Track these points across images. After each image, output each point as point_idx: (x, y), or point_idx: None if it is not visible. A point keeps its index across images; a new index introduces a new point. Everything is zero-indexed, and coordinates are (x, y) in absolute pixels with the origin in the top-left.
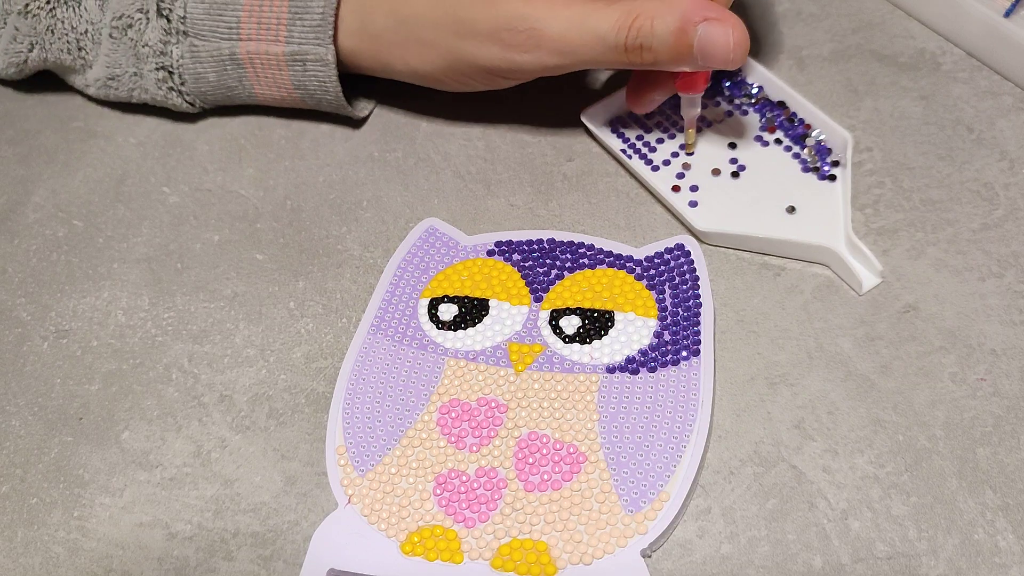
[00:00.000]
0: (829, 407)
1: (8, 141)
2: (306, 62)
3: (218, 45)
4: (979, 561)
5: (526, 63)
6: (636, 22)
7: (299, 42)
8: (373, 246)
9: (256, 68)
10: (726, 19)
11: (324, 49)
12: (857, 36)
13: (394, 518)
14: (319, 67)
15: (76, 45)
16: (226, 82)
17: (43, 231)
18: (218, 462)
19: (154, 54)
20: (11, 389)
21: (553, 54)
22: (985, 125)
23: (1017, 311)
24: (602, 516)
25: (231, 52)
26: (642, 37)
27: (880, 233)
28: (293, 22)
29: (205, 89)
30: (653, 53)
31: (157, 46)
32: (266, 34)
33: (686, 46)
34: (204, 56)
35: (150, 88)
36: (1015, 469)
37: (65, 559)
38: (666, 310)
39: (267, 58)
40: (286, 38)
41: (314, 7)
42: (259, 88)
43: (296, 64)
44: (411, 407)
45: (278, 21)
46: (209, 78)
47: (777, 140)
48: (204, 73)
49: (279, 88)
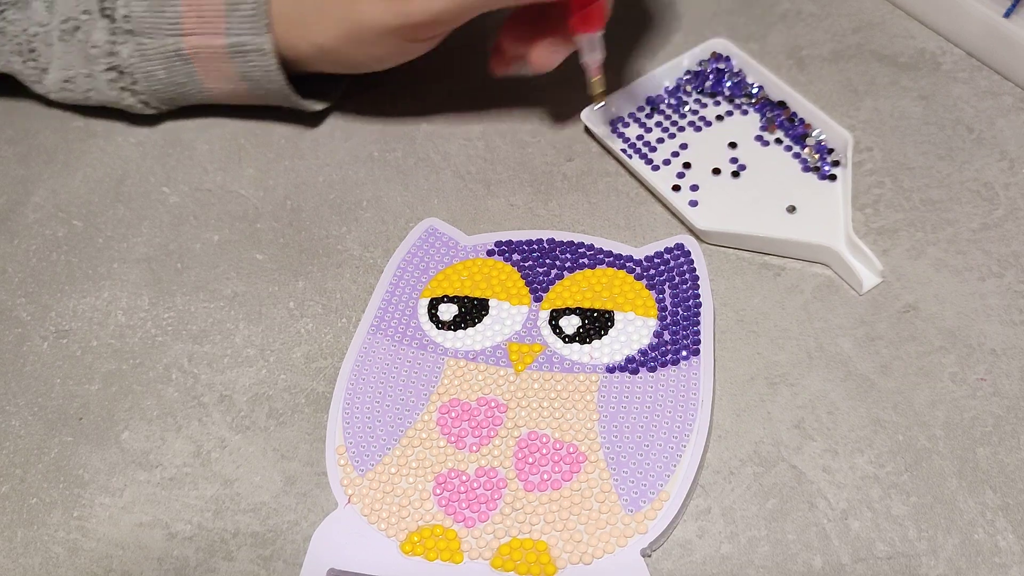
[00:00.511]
0: (829, 407)
1: (8, 141)
2: (247, 53)
3: (163, 42)
4: (979, 561)
5: (415, 12)
6: None
7: (238, 33)
8: (373, 246)
9: (203, 62)
10: None
11: (261, 38)
12: (857, 36)
13: (394, 518)
14: (259, 57)
15: (27, 47)
16: (176, 79)
17: (43, 231)
18: (218, 462)
19: (103, 54)
20: (11, 389)
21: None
22: (985, 125)
23: (1017, 311)
24: (602, 516)
25: (176, 48)
26: None
27: (880, 233)
28: (230, 13)
29: (156, 87)
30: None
31: (105, 46)
32: (207, 27)
33: None
34: (151, 54)
35: (103, 89)
36: (1015, 469)
37: (65, 559)
38: (666, 310)
39: (211, 51)
40: (226, 30)
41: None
42: (209, 83)
43: (238, 56)
44: (411, 407)
45: (216, 13)
46: (159, 76)
47: (777, 140)
48: (153, 71)
49: (228, 81)
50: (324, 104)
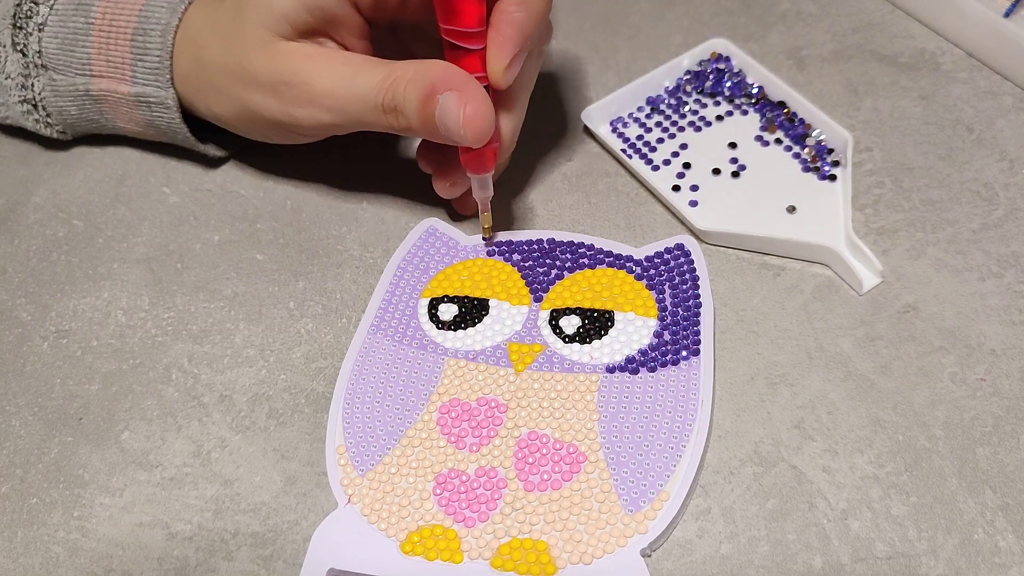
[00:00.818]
0: (829, 407)
1: (8, 141)
2: (151, 104)
3: (73, 80)
4: (979, 561)
5: (302, 118)
6: (394, 84)
7: (143, 83)
8: (373, 246)
9: (111, 104)
10: (466, 91)
11: (164, 92)
12: (857, 36)
13: (394, 518)
14: (162, 109)
15: None
16: (88, 115)
17: (43, 231)
18: (218, 462)
19: (16, 87)
20: (11, 389)
21: (326, 110)
22: (985, 125)
23: (1017, 311)
24: (602, 516)
25: (86, 88)
26: (396, 100)
27: (880, 233)
28: (135, 63)
29: (70, 121)
30: (406, 118)
31: (18, 79)
32: (115, 72)
33: (430, 114)
34: (63, 90)
35: (18, 119)
36: (1015, 469)
37: (65, 559)
38: (666, 310)
39: (118, 96)
40: (131, 78)
41: (152, 49)
42: (120, 123)
43: (142, 104)
44: (411, 407)
45: (122, 60)
46: (71, 111)
47: (777, 140)
48: (66, 107)
49: (136, 124)
50: (224, 152)
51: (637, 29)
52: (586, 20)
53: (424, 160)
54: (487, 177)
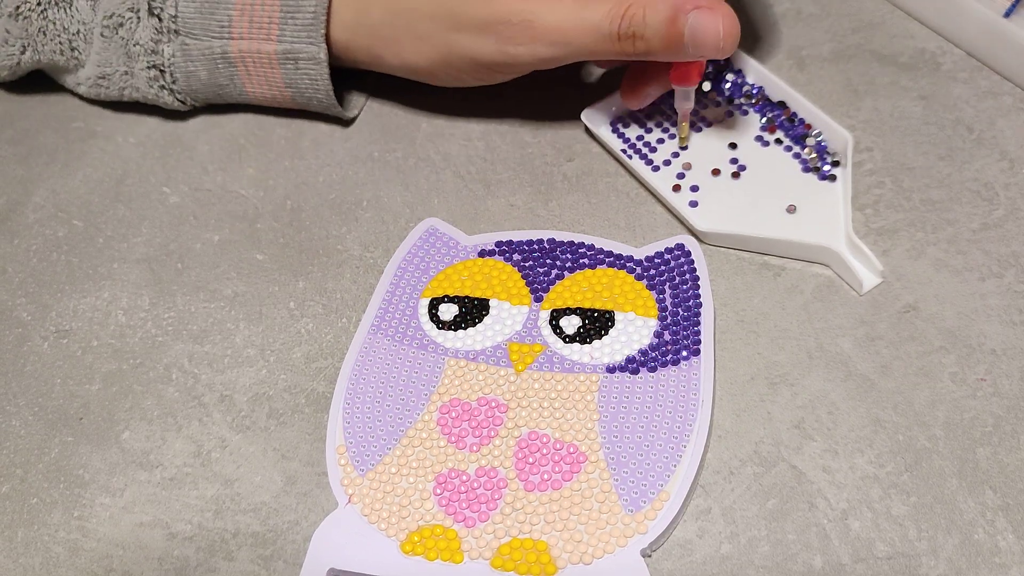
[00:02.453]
0: (829, 407)
1: (8, 141)
2: (298, 60)
3: (209, 44)
4: (979, 561)
5: (521, 55)
6: (629, 11)
7: (291, 40)
8: (373, 246)
9: (248, 66)
10: (716, 7)
11: (316, 47)
12: (857, 36)
13: (394, 518)
14: (311, 65)
15: (69, 46)
16: (217, 80)
17: (43, 231)
18: (218, 462)
19: (145, 52)
20: (11, 389)
21: (548, 45)
22: (985, 125)
23: (1017, 311)
24: (602, 516)
25: (223, 51)
26: (635, 26)
27: (880, 233)
28: (285, 20)
29: (196, 87)
30: (645, 42)
31: (148, 44)
32: (258, 32)
33: (677, 34)
34: (195, 55)
35: (141, 87)
36: (1015, 469)
37: (65, 559)
38: (666, 310)
39: (259, 56)
40: (278, 36)
41: (306, 5)
42: (250, 87)
43: (288, 62)
44: (411, 407)
45: (270, 20)
46: (200, 76)
47: (777, 140)
48: (195, 71)
49: (270, 87)
50: (358, 110)
51: None
52: None
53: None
54: (692, 90)
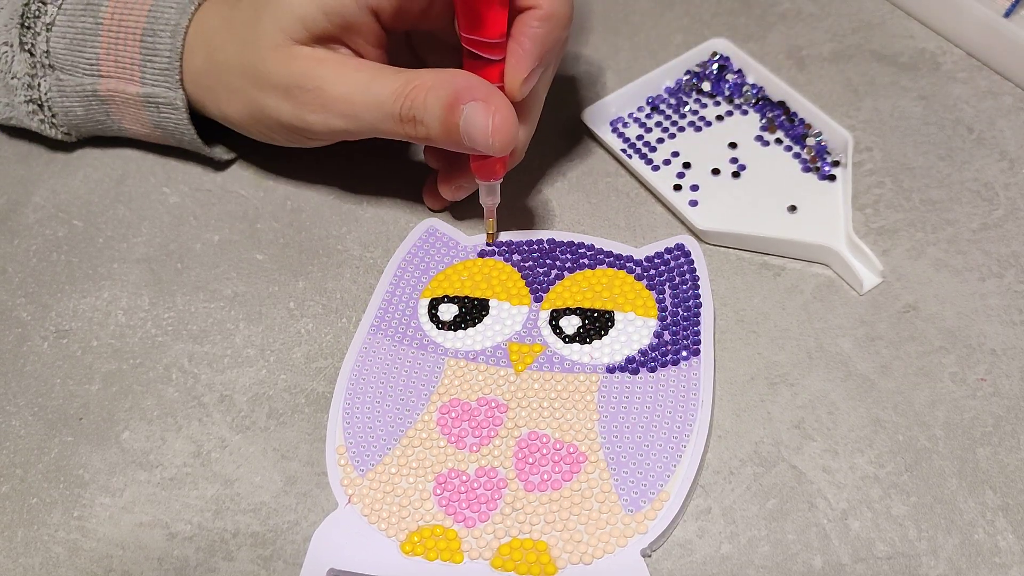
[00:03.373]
0: (829, 407)
1: (8, 141)
2: (159, 104)
3: (81, 80)
4: (979, 561)
5: (315, 123)
6: (412, 92)
7: (152, 84)
8: (373, 246)
9: (118, 106)
10: (491, 101)
11: (173, 93)
12: (857, 36)
13: (394, 518)
14: (170, 111)
15: None
16: (94, 116)
17: (43, 231)
18: (218, 462)
19: (22, 87)
20: (11, 389)
21: (339, 116)
22: (985, 125)
23: (1017, 311)
24: (602, 516)
25: (93, 89)
26: (415, 109)
27: (880, 233)
28: (145, 64)
29: (76, 122)
30: (425, 127)
31: (25, 79)
32: (123, 73)
33: (454, 124)
34: (69, 91)
35: (23, 120)
36: (1015, 469)
37: (65, 559)
38: (666, 310)
39: (125, 96)
40: (140, 79)
41: (162, 50)
42: (125, 124)
43: (151, 105)
44: (411, 407)
45: (131, 61)
46: (77, 112)
47: (777, 140)
48: (72, 108)
49: (142, 125)
50: (230, 155)
51: (637, 29)
52: (586, 20)
53: (432, 158)
54: (496, 184)
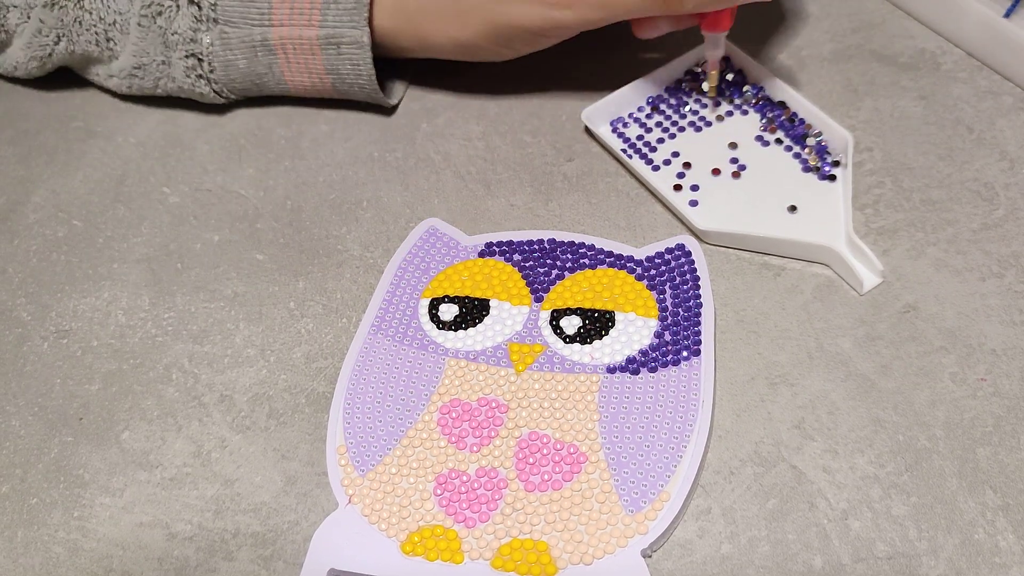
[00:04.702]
0: (829, 407)
1: (8, 141)
2: (340, 45)
3: (249, 31)
4: (979, 561)
5: (567, 19)
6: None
7: (333, 25)
8: (373, 246)
9: (288, 54)
10: None
11: (359, 31)
12: (857, 36)
13: (394, 518)
14: (354, 49)
15: (104, 36)
16: (256, 69)
17: (43, 231)
18: (218, 462)
19: (184, 41)
20: (11, 389)
21: (594, 7)
22: (985, 125)
23: (1017, 311)
24: (602, 516)
25: (263, 38)
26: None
27: (880, 233)
28: (328, 5)
29: (234, 76)
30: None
31: (187, 33)
32: (299, 19)
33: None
34: (235, 43)
35: (178, 77)
36: (1015, 469)
37: (65, 559)
38: (666, 310)
39: (300, 43)
40: (320, 22)
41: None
42: (289, 75)
43: (330, 47)
44: (412, 407)
45: (312, 5)
46: (239, 65)
47: (778, 140)
48: (234, 60)
49: (310, 74)
50: (400, 96)
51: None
52: None
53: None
54: (722, 36)
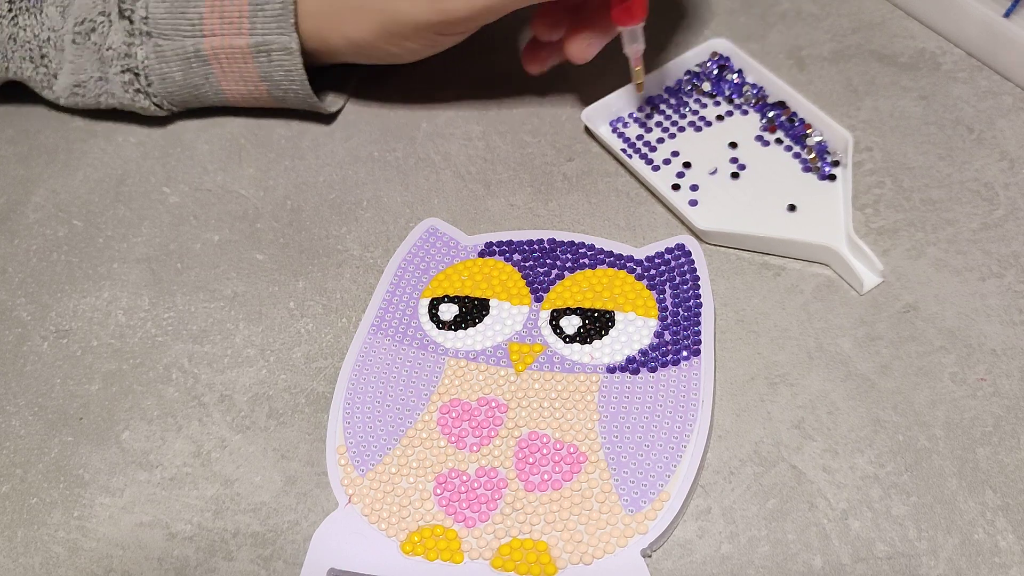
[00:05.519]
0: (829, 407)
1: (8, 141)
2: (271, 52)
3: (182, 43)
4: (979, 561)
5: (456, 10)
6: None
7: (262, 32)
8: (373, 246)
9: (222, 63)
10: None
11: (287, 37)
12: (857, 36)
13: (394, 518)
14: (284, 56)
15: (39, 52)
16: (193, 80)
17: (43, 231)
18: (218, 462)
19: (119, 56)
20: (11, 389)
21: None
22: (985, 125)
23: (1017, 311)
24: (602, 516)
25: (196, 49)
26: None
27: (880, 233)
28: (255, 13)
29: (172, 89)
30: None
31: (121, 48)
32: (229, 28)
33: None
34: (169, 55)
35: (116, 92)
36: (1015, 469)
37: (65, 559)
38: (666, 310)
39: (232, 52)
40: (249, 30)
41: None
42: (226, 84)
43: (261, 55)
44: (411, 407)
45: (239, 13)
46: (175, 77)
47: (777, 140)
48: (170, 73)
49: (246, 83)
50: (339, 105)
51: None
52: None
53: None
54: (638, 28)
